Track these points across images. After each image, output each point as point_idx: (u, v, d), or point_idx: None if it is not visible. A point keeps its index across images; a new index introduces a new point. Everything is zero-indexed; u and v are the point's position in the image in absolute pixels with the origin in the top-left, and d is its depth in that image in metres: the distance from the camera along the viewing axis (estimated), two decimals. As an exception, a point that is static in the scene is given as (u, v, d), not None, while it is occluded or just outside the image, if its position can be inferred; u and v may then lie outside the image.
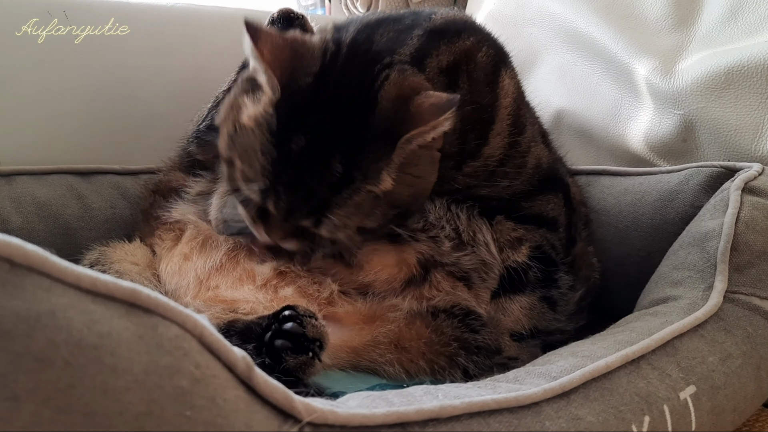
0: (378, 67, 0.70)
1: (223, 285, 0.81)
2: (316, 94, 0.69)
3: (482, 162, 0.79)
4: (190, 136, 0.95)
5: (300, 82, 0.69)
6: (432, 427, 0.45)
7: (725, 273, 0.72)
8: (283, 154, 0.67)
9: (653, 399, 0.55)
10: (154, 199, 0.93)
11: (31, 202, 1.01)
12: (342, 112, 0.68)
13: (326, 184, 0.67)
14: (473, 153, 0.78)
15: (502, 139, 0.80)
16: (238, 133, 0.70)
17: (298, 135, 0.67)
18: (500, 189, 0.81)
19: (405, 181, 0.70)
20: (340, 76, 0.70)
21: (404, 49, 0.74)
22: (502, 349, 0.79)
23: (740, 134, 0.95)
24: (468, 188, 0.80)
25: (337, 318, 0.77)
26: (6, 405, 0.31)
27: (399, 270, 0.79)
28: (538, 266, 0.81)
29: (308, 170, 0.67)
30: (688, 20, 1.07)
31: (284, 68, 0.69)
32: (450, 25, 0.80)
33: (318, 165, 0.67)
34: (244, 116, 0.70)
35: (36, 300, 0.33)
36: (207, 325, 0.39)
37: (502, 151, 0.80)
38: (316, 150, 0.67)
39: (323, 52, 0.71)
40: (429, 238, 0.79)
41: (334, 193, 0.67)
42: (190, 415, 0.35)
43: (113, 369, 0.33)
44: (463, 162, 0.78)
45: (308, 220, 0.69)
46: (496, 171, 0.80)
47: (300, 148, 0.67)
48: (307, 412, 0.41)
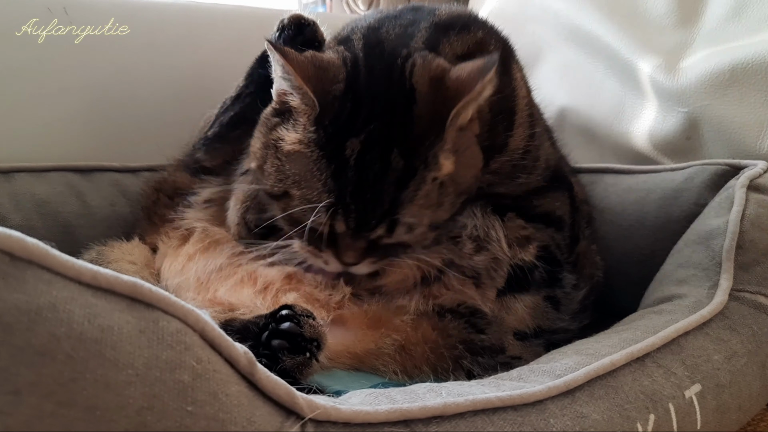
0: (399, 60, 0.70)
1: (222, 288, 0.80)
2: (353, 100, 0.68)
3: (508, 156, 0.79)
4: (197, 143, 0.94)
5: (333, 92, 0.69)
6: (436, 424, 0.45)
7: (730, 271, 0.71)
8: (341, 164, 0.66)
9: (658, 397, 0.55)
10: (158, 197, 0.93)
11: (30, 199, 1.00)
12: (384, 109, 0.68)
13: (392, 181, 0.66)
14: (501, 146, 0.79)
15: (524, 130, 0.80)
16: (286, 164, 0.69)
17: (351, 139, 0.66)
18: (516, 185, 0.81)
19: (464, 163, 0.70)
20: (368, 79, 0.70)
21: (416, 40, 0.74)
22: (505, 348, 0.79)
23: (745, 132, 0.94)
24: (488, 185, 0.80)
25: (343, 320, 0.76)
26: (7, 399, 0.30)
27: (417, 270, 0.79)
28: (544, 266, 0.81)
29: (371, 171, 0.66)
30: (692, 17, 1.06)
31: (315, 83, 0.68)
32: (456, 19, 0.80)
33: (378, 164, 0.66)
34: (287, 145, 0.69)
35: (37, 293, 0.33)
36: (209, 320, 0.39)
37: (524, 143, 0.80)
38: (373, 149, 0.66)
39: (343, 62, 0.71)
40: (450, 239, 0.79)
41: (402, 188, 0.66)
42: (192, 409, 0.35)
43: (115, 363, 0.33)
44: (491, 158, 0.78)
45: (382, 228, 0.67)
46: (518, 165, 0.80)
47: (356, 152, 0.66)
48: (309, 409, 0.41)
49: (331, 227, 0.69)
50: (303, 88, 0.67)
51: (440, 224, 0.72)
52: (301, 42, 0.82)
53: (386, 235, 0.69)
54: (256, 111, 0.87)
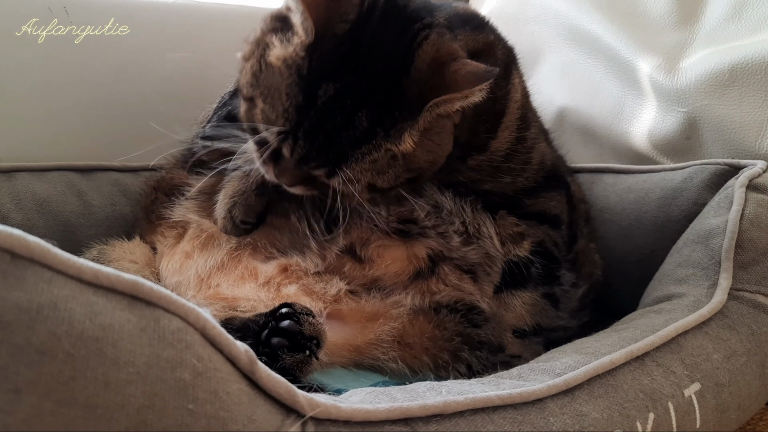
0: (418, 25, 0.69)
1: (224, 283, 0.80)
2: (351, 45, 0.67)
3: (488, 156, 0.79)
4: (195, 137, 0.94)
5: (335, 28, 0.67)
6: (436, 422, 0.45)
7: (730, 270, 0.71)
8: (309, 100, 0.65)
9: (658, 396, 0.55)
10: (156, 196, 0.93)
11: (30, 198, 1.00)
12: (376, 68, 0.67)
13: (347, 136, 0.65)
14: (481, 146, 0.78)
15: (510, 134, 0.80)
16: (264, 72, 0.68)
17: (327, 83, 0.65)
18: (503, 185, 0.81)
19: (425, 147, 0.69)
20: (377, 30, 0.68)
21: (440, 14, 0.73)
22: (505, 346, 0.79)
23: (744, 132, 0.94)
24: (472, 182, 0.80)
25: (341, 315, 0.77)
26: (7, 397, 0.30)
27: (408, 263, 0.79)
28: (540, 262, 0.81)
29: (332, 120, 0.65)
30: (692, 17, 1.06)
31: (320, 12, 0.66)
32: (473, 17, 0.81)
33: (342, 116, 0.65)
34: (272, 56, 0.68)
35: (37, 291, 0.33)
36: (209, 319, 0.39)
37: (508, 146, 0.80)
38: (344, 101, 0.65)
39: (360, 2, 0.69)
40: (438, 234, 0.79)
41: (354, 147, 0.66)
42: (193, 408, 0.35)
43: (115, 361, 0.33)
44: (468, 155, 0.78)
45: (321, 171, 0.67)
46: (501, 167, 0.80)
47: (328, 96, 0.65)
48: (310, 407, 0.41)
49: (279, 150, 0.69)
50: (305, 13, 0.66)
51: (379, 189, 0.71)
52: None
53: (324, 177, 0.68)
54: None
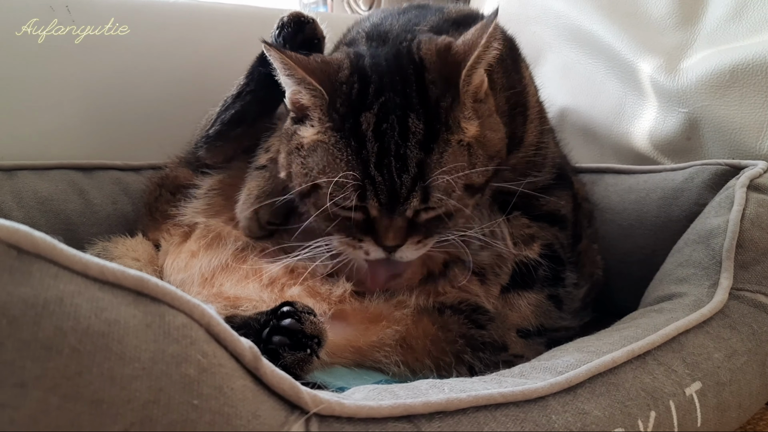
0: (405, 43, 0.72)
1: (227, 283, 0.80)
2: (360, 80, 0.69)
3: (524, 152, 0.80)
4: (198, 141, 0.94)
5: (338, 79, 0.69)
6: (439, 419, 0.45)
7: (730, 270, 0.71)
8: (360, 139, 0.65)
9: (659, 394, 0.55)
10: (160, 193, 0.93)
11: (32, 197, 1.00)
12: (394, 81, 0.68)
13: (414, 145, 0.65)
14: (519, 141, 0.79)
15: (536, 126, 0.81)
16: (308, 157, 0.69)
17: (364, 114, 0.66)
18: (527, 183, 0.80)
19: (489, 127, 0.70)
20: (373, 61, 0.70)
21: (421, 27, 0.75)
22: (508, 345, 0.79)
23: (745, 132, 0.95)
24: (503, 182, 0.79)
25: (344, 315, 0.76)
26: (13, 391, 0.31)
27: (422, 267, 0.79)
28: (547, 264, 0.81)
29: (391, 139, 0.65)
30: (693, 18, 1.07)
31: (319, 74, 0.68)
32: (467, 17, 0.81)
33: (397, 130, 0.65)
34: (306, 141, 0.69)
35: (43, 287, 0.33)
36: (214, 315, 0.39)
37: (537, 139, 0.81)
38: (388, 118, 0.66)
39: (347, 55, 0.72)
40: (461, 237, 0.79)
41: (427, 152, 0.65)
42: (198, 403, 0.35)
43: (121, 356, 0.33)
44: (509, 153, 0.78)
45: (415, 197, 0.66)
46: (530, 162, 0.81)
47: (372, 124, 0.66)
48: (314, 403, 0.41)
49: (365, 212, 0.68)
50: (307, 79, 0.67)
51: (477, 188, 0.71)
52: (301, 40, 0.83)
53: (422, 206, 0.67)
54: (257, 109, 0.87)
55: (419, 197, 0.66)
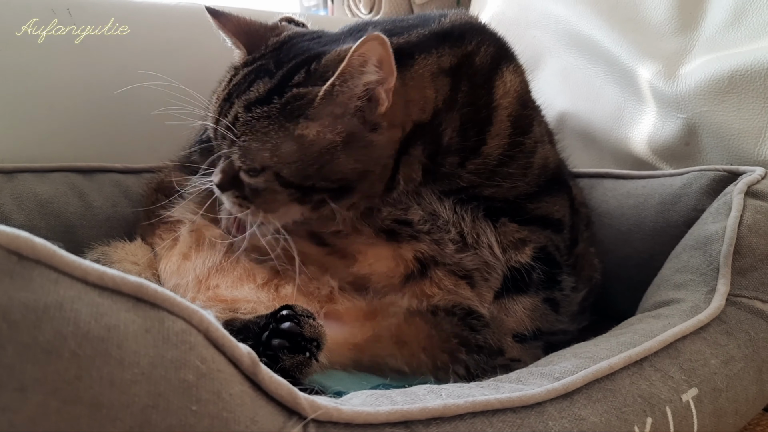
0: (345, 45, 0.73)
1: (223, 284, 0.80)
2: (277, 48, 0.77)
3: (482, 160, 0.80)
4: (193, 145, 0.95)
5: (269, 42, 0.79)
6: (436, 425, 0.45)
7: (728, 276, 0.72)
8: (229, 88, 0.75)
9: (656, 400, 0.56)
10: (157, 198, 0.93)
11: (32, 199, 1.00)
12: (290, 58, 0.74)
13: (243, 101, 0.71)
14: (474, 150, 0.79)
15: (500, 140, 0.80)
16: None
17: (244, 68, 0.75)
18: (504, 190, 0.81)
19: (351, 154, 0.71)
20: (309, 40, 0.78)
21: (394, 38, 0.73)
22: (504, 350, 0.79)
23: (743, 138, 0.95)
24: (473, 187, 0.80)
25: (339, 315, 0.77)
26: (13, 395, 0.31)
27: (396, 264, 0.79)
28: (541, 267, 0.81)
29: (235, 91, 0.73)
30: (692, 24, 1.07)
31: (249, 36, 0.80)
32: (456, 29, 0.80)
33: (245, 86, 0.73)
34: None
35: (44, 292, 0.33)
36: (213, 321, 0.40)
37: (500, 151, 0.80)
38: (250, 76, 0.73)
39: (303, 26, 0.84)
40: (432, 240, 0.79)
41: (247, 109, 0.70)
42: (196, 408, 0.35)
43: (120, 361, 0.34)
44: (466, 159, 0.79)
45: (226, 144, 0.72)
46: (497, 171, 0.80)
47: (240, 76, 0.74)
48: (311, 409, 0.41)
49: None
50: (233, 39, 0.80)
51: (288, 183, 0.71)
52: None
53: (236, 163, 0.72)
54: None
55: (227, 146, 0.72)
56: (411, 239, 0.79)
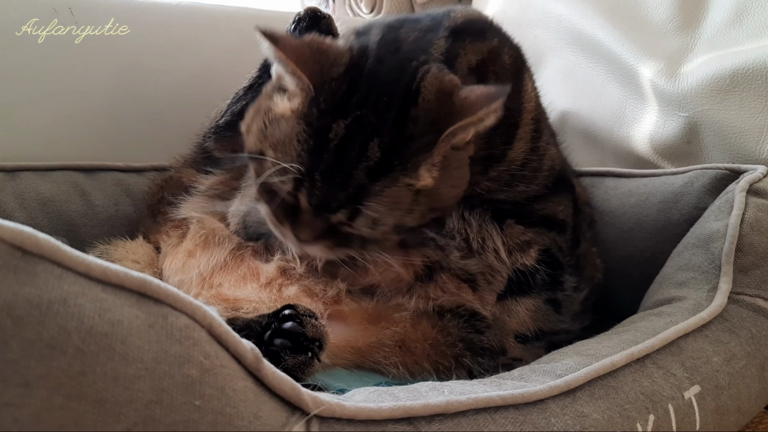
0: (415, 63, 0.69)
1: (226, 283, 0.80)
2: (352, 85, 0.67)
3: (506, 166, 0.79)
4: (207, 132, 0.94)
5: (331, 74, 0.68)
6: (438, 422, 0.45)
7: (730, 274, 0.72)
8: (322, 143, 0.65)
9: (658, 398, 0.56)
10: (162, 195, 0.93)
11: (34, 198, 1.01)
12: (382, 103, 0.66)
13: (363, 169, 0.64)
14: (499, 157, 0.78)
15: (524, 144, 0.79)
16: (272, 124, 0.68)
17: (337, 122, 0.65)
18: (517, 193, 0.81)
19: (447, 182, 0.68)
20: (375, 70, 0.68)
21: (434, 49, 0.72)
22: (506, 350, 0.79)
23: (745, 137, 0.95)
24: (488, 192, 0.79)
25: (343, 316, 0.77)
26: (18, 391, 0.31)
27: (406, 270, 0.79)
28: (545, 269, 0.81)
29: (346, 155, 0.64)
30: (693, 23, 1.07)
31: (311, 66, 0.67)
32: (472, 24, 0.79)
33: (356, 148, 0.64)
34: (278, 110, 0.68)
35: (48, 287, 0.33)
36: (216, 317, 0.40)
37: (523, 155, 0.79)
38: (356, 135, 0.65)
39: (349, 49, 0.70)
40: (438, 247, 0.79)
41: (372, 180, 0.64)
42: (200, 404, 0.35)
43: (124, 357, 0.34)
44: (489, 166, 0.77)
45: (344, 212, 0.65)
46: (516, 175, 0.79)
47: (339, 135, 0.65)
48: (314, 405, 0.41)
49: (295, 201, 0.68)
50: (297, 73, 0.67)
51: (406, 230, 0.70)
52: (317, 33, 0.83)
53: (347, 223, 0.67)
54: None
55: (346, 215, 0.66)
56: (418, 245, 0.78)
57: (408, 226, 0.69)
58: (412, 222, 0.68)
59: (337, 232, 0.69)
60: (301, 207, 0.67)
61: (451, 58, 0.73)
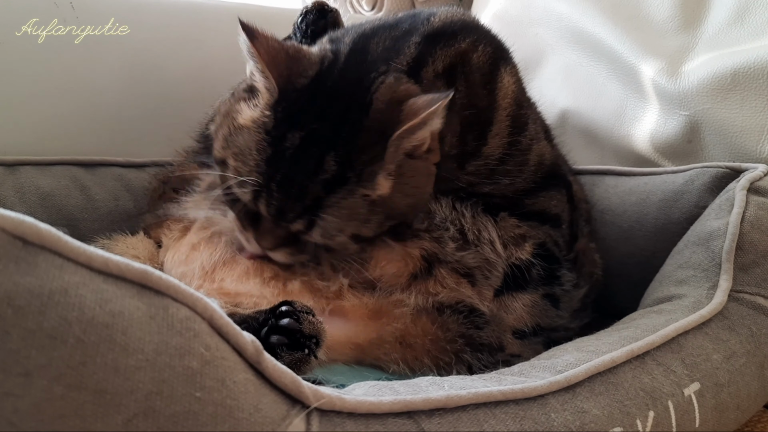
0: (374, 74, 0.72)
1: (228, 278, 0.80)
2: (313, 97, 0.70)
3: (483, 161, 0.80)
4: (210, 116, 0.94)
5: (296, 83, 0.70)
6: (439, 416, 0.45)
7: (730, 272, 0.72)
8: (278, 152, 0.67)
9: (658, 394, 0.56)
10: (164, 191, 0.93)
11: (34, 192, 1.01)
12: (337, 115, 0.69)
13: (320, 182, 0.67)
14: (474, 152, 0.79)
15: (500, 140, 0.80)
16: (234, 135, 0.71)
17: (293, 132, 0.68)
18: (503, 186, 0.82)
19: (402, 191, 0.71)
20: (337, 82, 0.71)
21: (401, 58, 0.74)
22: (504, 346, 0.79)
23: (745, 135, 0.95)
24: (471, 186, 0.80)
25: (344, 312, 0.77)
26: (18, 381, 0.31)
27: (405, 264, 0.79)
28: (541, 264, 0.81)
29: (302, 167, 0.67)
30: (695, 22, 1.07)
31: (281, 70, 0.70)
32: (447, 27, 0.80)
33: (312, 162, 0.67)
34: (241, 118, 0.71)
35: (49, 277, 0.33)
36: (217, 309, 0.40)
37: (501, 151, 0.80)
38: (311, 147, 0.67)
39: (321, 59, 0.73)
40: (433, 239, 0.79)
41: (328, 192, 0.67)
42: (200, 395, 0.35)
43: (125, 348, 0.34)
44: (465, 161, 0.79)
45: (301, 222, 0.68)
46: (497, 169, 0.81)
47: (294, 145, 0.67)
48: (315, 398, 0.41)
49: (256, 209, 0.70)
50: (266, 73, 0.69)
51: (364, 239, 0.73)
52: (323, 25, 0.84)
53: (305, 232, 0.69)
54: None
55: (303, 225, 0.69)
56: (414, 237, 0.79)
57: (365, 236, 0.72)
58: (369, 232, 0.72)
59: (298, 240, 0.71)
60: (261, 215, 0.70)
61: (418, 65, 0.75)
